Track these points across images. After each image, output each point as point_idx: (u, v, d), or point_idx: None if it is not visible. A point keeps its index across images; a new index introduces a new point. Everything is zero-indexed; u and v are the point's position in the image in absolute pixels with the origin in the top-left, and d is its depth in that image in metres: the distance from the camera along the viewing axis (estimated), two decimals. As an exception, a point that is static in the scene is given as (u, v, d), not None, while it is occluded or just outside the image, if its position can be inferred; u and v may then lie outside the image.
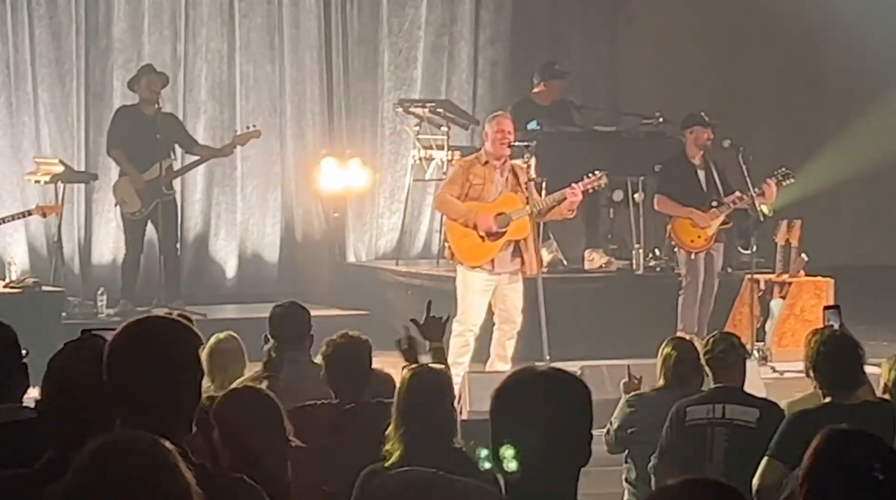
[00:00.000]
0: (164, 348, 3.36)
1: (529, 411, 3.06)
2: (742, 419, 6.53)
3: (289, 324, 7.06)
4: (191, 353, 3.39)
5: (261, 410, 4.85)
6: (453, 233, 10.47)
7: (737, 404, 6.60)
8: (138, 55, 13.84)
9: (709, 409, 6.61)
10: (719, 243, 12.11)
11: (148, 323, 3.46)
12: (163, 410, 3.28)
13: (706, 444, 6.54)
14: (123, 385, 3.33)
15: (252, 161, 14.50)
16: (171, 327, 3.43)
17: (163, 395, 3.31)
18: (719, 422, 6.57)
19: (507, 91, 15.24)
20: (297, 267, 14.68)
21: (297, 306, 7.22)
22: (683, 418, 6.61)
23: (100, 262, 13.89)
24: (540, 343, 10.37)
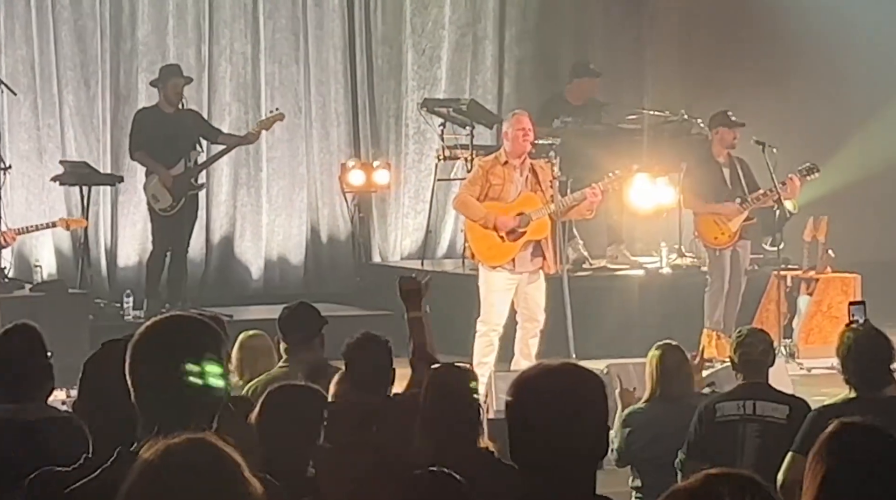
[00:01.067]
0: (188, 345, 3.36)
1: (546, 406, 3.06)
2: (773, 416, 6.52)
3: (297, 325, 7.09)
4: (214, 351, 3.38)
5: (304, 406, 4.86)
6: (473, 233, 10.47)
7: (767, 401, 6.59)
8: (163, 57, 13.87)
9: (739, 405, 6.59)
10: (745, 241, 12.09)
11: (171, 321, 3.46)
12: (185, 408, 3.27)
13: (737, 440, 6.53)
14: (144, 386, 3.33)
15: (277, 162, 14.52)
16: (194, 325, 3.42)
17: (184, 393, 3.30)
18: (750, 418, 6.56)
19: (533, 89, 15.22)
20: (323, 268, 14.70)
21: (305, 306, 7.25)
22: (714, 414, 6.59)
23: (126, 264, 13.92)
24: (566, 341, 10.35)
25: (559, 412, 3.06)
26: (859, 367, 5.95)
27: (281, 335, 7.12)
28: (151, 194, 12.65)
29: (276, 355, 7.29)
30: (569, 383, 3.10)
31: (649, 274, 13.27)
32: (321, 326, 7.09)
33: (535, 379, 3.11)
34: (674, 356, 7.06)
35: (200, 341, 3.37)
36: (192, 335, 3.38)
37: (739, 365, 6.77)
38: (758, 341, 6.81)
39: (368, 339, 6.11)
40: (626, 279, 13.18)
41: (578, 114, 13.32)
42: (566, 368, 3.14)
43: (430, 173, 14.53)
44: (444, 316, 12.08)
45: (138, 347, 3.37)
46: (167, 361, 3.33)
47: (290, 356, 6.98)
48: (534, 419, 3.07)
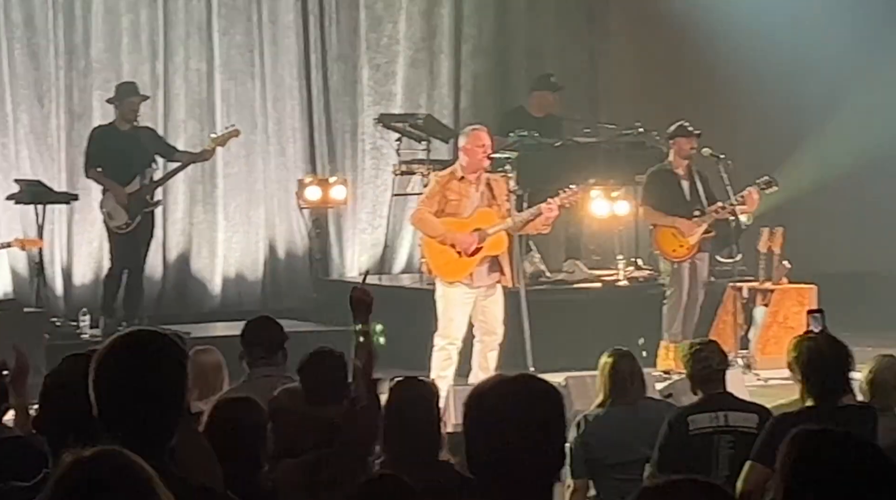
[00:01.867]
0: (150, 361, 3.37)
1: (503, 418, 3.04)
2: (745, 426, 6.53)
3: (260, 339, 7.07)
4: (175, 365, 3.39)
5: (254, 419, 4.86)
6: (430, 249, 10.46)
7: (738, 411, 6.60)
8: (117, 75, 13.82)
9: (712, 417, 6.57)
10: (704, 253, 12.12)
11: (136, 336, 3.46)
12: (147, 423, 3.27)
13: (712, 452, 6.51)
14: (108, 399, 3.34)
15: (234, 179, 14.49)
16: (156, 341, 3.42)
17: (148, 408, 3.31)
18: (724, 430, 6.55)
19: (489, 104, 15.27)
20: (280, 284, 14.67)
21: (268, 321, 7.23)
22: (686, 427, 6.57)
23: (82, 282, 13.85)
24: (524, 355, 10.37)
25: (516, 424, 3.04)
26: (818, 375, 5.95)
27: (244, 350, 7.09)
28: (107, 212, 12.60)
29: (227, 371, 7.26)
30: (526, 395, 3.08)
31: (606, 287, 13.31)
32: (283, 340, 7.08)
33: (492, 391, 3.10)
34: (626, 362, 7.08)
35: (164, 355, 3.38)
36: (155, 350, 3.39)
37: (699, 378, 6.77)
38: (714, 353, 6.82)
39: (322, 353, 6.10)
40: (584, 292, 13.21)
41: (539, 127, 13.34)
42: (523, 379, 3.13)
43: (387, 189, 14.54)
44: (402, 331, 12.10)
45: (103, 361, 3.37)
46: (130, 375, 3.33)
47: (253, 370, 6.97)
48: (491, 430, 3.05)
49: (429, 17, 15.35)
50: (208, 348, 7.38)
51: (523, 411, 3.05)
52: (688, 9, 15.02)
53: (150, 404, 3.32)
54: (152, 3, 14.22)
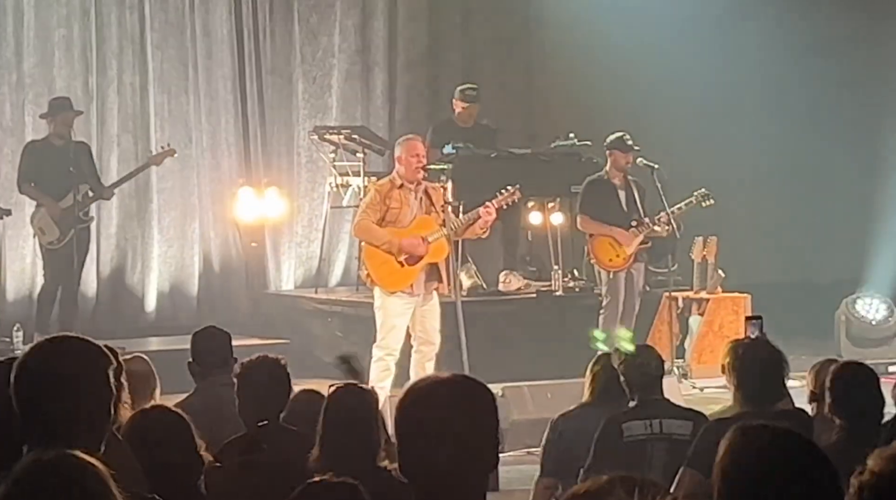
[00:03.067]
0: (73, 366, 3.36)
1: (435, 420, 3.02)
2: (679, 433, 6.49)
3: (211, 349, 7.05)
4: (100, 371, 3.37)
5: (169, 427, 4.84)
6: (372, 260, 10.45)
7: (673, 419, 6.57)
8: (49, 89, 13.74)
9: (646, 424, 6.53)
10: (639, 263, 12.19)
11: (57, 342, 3.44)
12: (71, 429, 3.25)
13: (645, 460, 6.49)
14: (31, 404, 3.32)
15: (168, 193, 14.42)
16: (80, 347, 3.41)
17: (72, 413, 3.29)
18: (658, 437, 6.52)
19: (423, 116, 15.28)
20: (217, 298, 14.61)
21: (216, 330, 7.20)
22: (619, 434, 6.54)
23: (15, 298, 13.74)
24: (461, 366, 10.36)
25: (449, 423, 3.01)
26: (754, 380, 5.96)
27: (194, 361, 7.06)
28: (38, 228, 12.50)
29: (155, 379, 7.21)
30: (459, 394, 3.06)
31: (542, 297, 13.34)
32: (232, 349, 7.06)
33: (426, 390, 3.07)
34: (611, 366, 7.03)
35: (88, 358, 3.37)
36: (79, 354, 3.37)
37: (635, 384, 6.75)
38: (650, 358, 6.81)
39: (261, 360, 6.07)
40: (520, 303, 13.23)
41: (470, 137, 13.35)
42: (456, 379, 3.10)
43: (323, 201, 14.52)
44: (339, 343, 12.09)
45: (25, 366, 3.35)
46: (55, 380, 3.31)
47: (202, 380, 6.94)
48: (424, 429, 3.02)
49: (363, 30, 15.36)
50: (135, 357, 7.31)
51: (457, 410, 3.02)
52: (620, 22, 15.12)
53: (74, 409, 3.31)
54: (85, 17, 14.14)
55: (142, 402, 6.66)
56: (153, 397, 6.91)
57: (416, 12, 15.63)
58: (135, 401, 6.82)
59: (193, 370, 7.11)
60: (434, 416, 3.02)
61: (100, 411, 3.36)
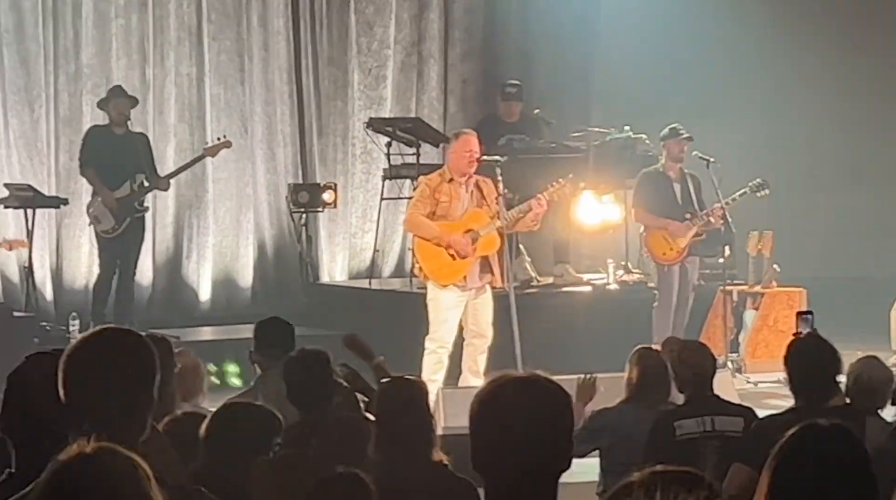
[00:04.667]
0: (119, 358, 3.38)
1: (510, 417, 3.04)
2: (731, 430, 6.49)
3: (272, 340, 7.06)
4: (145, 364, 3.40)
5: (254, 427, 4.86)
6: (423, 253, 10.46)
7: (724, 415, 6.55)
8: (107, 80, 13.83)
9: (698, 422, 6.52)
10: (694, 256, 12.12)
11: (104, 334, 3.47)
12: (114, 420, 3.28)
13: (698, 458, 6.47)
14: (76, 394, 3.35)
15: (224, 183, 14.49)
16: (127, 339, 3.44)
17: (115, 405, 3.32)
18: (710, 435, 6.51)
19: (477, 108, 15.28)
20: (271, 288, 14.67)
21: (279, 322, 7.21)
22: (672, 432, 6.53)
23: (72, 287, 13.85)
24: (513, 358, 10.36)
25: (525, 422, 3.03)
26: (804, 376, 5.94)
27: (256, 351, 7.08)
28: (94, 216, 12.58)
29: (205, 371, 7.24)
30: (534, 395, 3.06)
31: (596, 291, 13.31)
32: (294, 341, 7.07)
33: (501, 390, 3.08)
34: (651, 363, 7.02)
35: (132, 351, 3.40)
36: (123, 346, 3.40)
37: (687, 381, 6.74)
38: (702, 356, 6.80)
39: (305, 354, 6.09)
40: (573, 296, 13.21)
41: (515, 131, 13.32)
42: (532, 379, 3.11)
43: (377, 193, 14.54)
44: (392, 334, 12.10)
45: (73, 358, 3.38)
46: (101, 372, 3.34)
47: (264, 372, 6.96)
48: (499, 427, 3.04)
49: (419, 22, 15.37)
50: (183, 351, 7.34)
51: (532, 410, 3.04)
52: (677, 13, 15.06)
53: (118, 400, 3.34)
54: (143, 7, 14.23)
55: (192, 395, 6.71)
56: (202, 390, 6.96)
57: (472, 4, 15.63)
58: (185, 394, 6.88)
59: (254, 360, 7.13)
60: (510, 414, 3.03)
61: (142, 403, 3.39)
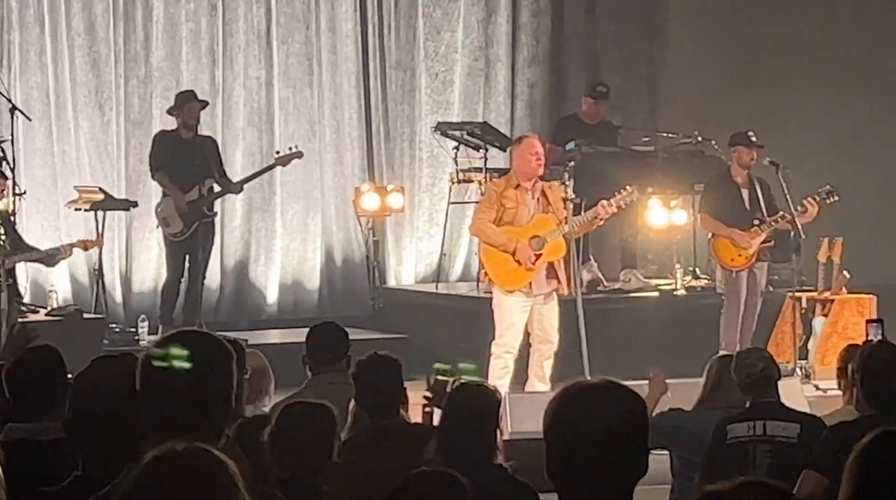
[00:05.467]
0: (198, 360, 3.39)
1: (585, 425, 3.03)
2: (783, 435, 6.45)
3: (324, 345, 7.08)
4: (224, 367, 3.41)
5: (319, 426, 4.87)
6: (489, 259, 10.45)
7: (778, 420, 6.52)
8: (177, 83, 13.92)
9: (749, 426, 6.52)
10: (762, 262, 12.04)
11: (183, 336, 3.48)
12: (192, 422, 3.29)
13: (748, 462, 6.46)
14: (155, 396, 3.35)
15: (291, 187, 14.54)
16: (205, 341, 3.44)
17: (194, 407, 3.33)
18: (760, 439, 6.50)
19: (544, 112, 15.28)
20: (337, 292, 14.70)
21: (332, 327, 7.22)
22: (724, 436, 6.54)
23: (141, 289, 13.94)
24: (580, 364, 10.34)
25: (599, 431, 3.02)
26: (878, 384, 5.88)
27: (307, 355, 7.10)
28: (162, 218, 12.66)
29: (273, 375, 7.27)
30: (609, 401, 3.06)
31: (664, 296, 13.25)
32: (348, 347, 7.08)
33: (575, 396, 3.07)
34: (724, 368, 7.00)
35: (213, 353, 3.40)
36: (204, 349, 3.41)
37: (744, 387, 6.73)
38: (757, 360, 6.76)
39: (376, 359, 6.10)
40: (641, 301, 13.16)
41: (593, 134, 13.32)
42: (607, 385, 3.11)
43: (444, 197, 14.55)
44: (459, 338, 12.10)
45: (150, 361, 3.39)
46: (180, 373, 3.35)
47: (317, 376, 6.97)
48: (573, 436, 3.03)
49: (486, 26, 15.37)
50: (252, 352, 7.37)
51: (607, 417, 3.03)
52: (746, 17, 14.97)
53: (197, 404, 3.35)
54: (212, 11, 14.31)
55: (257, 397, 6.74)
56: (268, 392, 6.99)
57: (539, 8, 15.60)
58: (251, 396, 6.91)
59: (306, 364, 7.14)
60: (585, 421, 3.03)
61: (221, 405, 3.39)
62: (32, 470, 4.26)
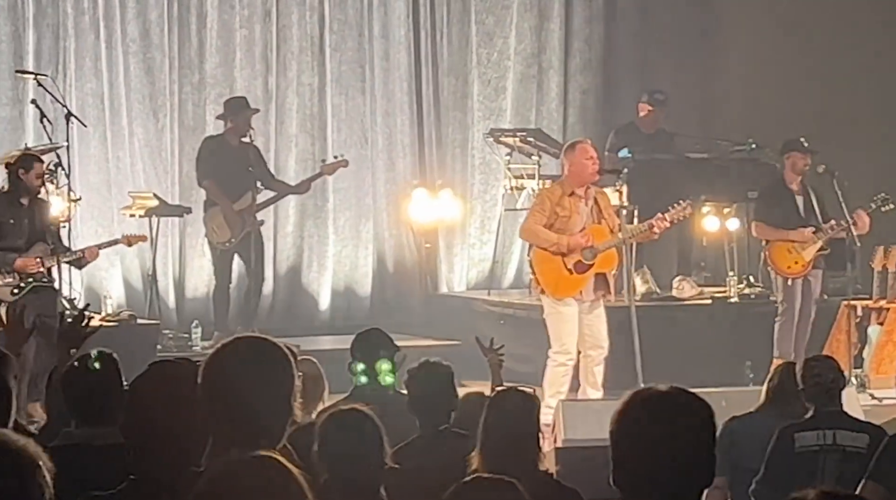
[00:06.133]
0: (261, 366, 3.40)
1: (653, 432, 3.02)
2: (853, 445, 6.41)
3: (371, 351, 7.08)
4: (286, 373, 3.40)
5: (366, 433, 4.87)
6: (541, 266, 10.40)
7: (847, 430, 6.47)
8: (230, 89, 13.97)
9: (818, 435, 6.47)
10: (817, 270, 11.98)
11: (244, 341, 3.48)
12: (255, 429, 3.28)
13: (817, 471, 6.40)
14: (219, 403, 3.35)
15: (344, 193, 14.57)
16: (267, 348, 3.44)
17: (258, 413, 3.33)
18: (830, 448, 6.45)
19: (597, 119, 15.24)
20: (390, 298, 14.71)
21: (378, 333, 7.23)
22: (792, 444, 6.48)
23: (194, 295, 13.99)
24: (634, 371, 10.30)
25: (667, 438, 3.01)
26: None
27: (353, 361, 7.11)
28: (211, 227, 12.66)
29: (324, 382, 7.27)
30: (677, 409, 3.05)
31: (717, 304, 13.18)
32: (394, 352, 7.08)
33: (643, 404, 3.07)
34: (787, 373, 6.96)
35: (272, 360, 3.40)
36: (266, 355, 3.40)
37: (811, 395, 6.68)
38: (827, 369, 6.71)
39: (428, 366, 6.10)
40: (695, 309, 13.09)
41: (650, 143, 13.30)
42: (674, 393, 3.09)
43: (496, 203, 14.54)
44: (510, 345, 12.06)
45: (213, 366, 3.39)
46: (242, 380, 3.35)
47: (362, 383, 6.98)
48: (640, 444, 3.02)
49: (539, 33, 15.35)
50: (305, 359, 7.38)
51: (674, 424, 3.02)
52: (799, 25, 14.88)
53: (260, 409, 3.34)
54: (266, 18, 14.36)
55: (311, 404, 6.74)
56: (322, 399, 6.99)
57: (592, 14, 15.58)
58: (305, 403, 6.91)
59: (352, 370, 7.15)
60: (653, 428, 3.02)
61: (282, 411, 3.39)
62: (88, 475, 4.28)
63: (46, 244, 10.87)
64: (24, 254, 10.70)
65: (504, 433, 5.19)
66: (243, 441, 3.08)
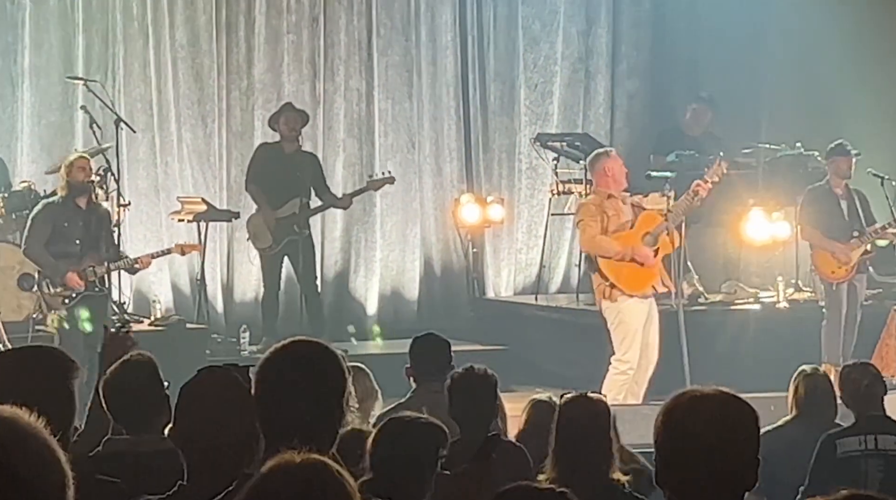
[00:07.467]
0: (314, 369, 3.41)
1: (698, 433, 3.01)
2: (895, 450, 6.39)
3: (428, 356, 7.09)
4: (337, 377, 3.42)
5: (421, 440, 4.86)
6: (611, 269, 10.33)
7: (889, 434, 6.45)
8: (278, 95, 14.02)
9: (861, 440, 6.46)
10: (862, 274, 11.92)
11: (299, 346, 3.50)
12: (309, 431, 3.29)
13: (860, 476, 6.38)
14: (272, 407, 3.36)
15: (391, 198, 14.59)
16: (319, 351, 3.46)
17: (310, 415, 3.34)
18: (872, 453, 6.43)
19: (644, 123, 15.20)
20: (437, 302, 14.72)
21: (436, 338, 7.24)
22: (834, 450, 6.46)
23: (243, 299, 14.04)
24: (681, 375, 10.26)
25: (710, 440, 3.00)
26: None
27: (412, 366, 7.13)
28: (252, 233, 12.69)
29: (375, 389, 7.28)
30: (721, 411, 3.04)
31: (766, 308, 13.13)
32: (450, 358, 7.09)
33: (688, 405, 3.06)
34: (813, 382, 6.93)
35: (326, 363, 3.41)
36: (316, 358, 3.42)
37: (850, 401, 6.66)
38: (862, 375, 6.69)
39: (470, 374, 6.08)
40: (743, 314, 13.04)
41: (696, 145, 13.25)
42: (719, 395, 3.09)
43: (543, 208, 14.52)
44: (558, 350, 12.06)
45: (267, 369, 3.41)
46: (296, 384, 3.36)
47: (419, 387, 7.00)
48: (684, 446, 3.02)
49: (586, 37, 15.33)
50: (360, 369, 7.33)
51: (718, 427, 3.01)
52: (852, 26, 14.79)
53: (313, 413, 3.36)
54: (314, 23, 14.41)
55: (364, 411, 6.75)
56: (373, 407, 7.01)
57: (639, 18, 15.55)
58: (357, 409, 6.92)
59: (409, 374, 7.17)
60: (697, 429, 3.01)
61: (334, 415, 3.40)
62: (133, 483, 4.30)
63: (99, 253, 10.95)
64: (77, 263, 10.83)
65: (575, 442, 5.16)
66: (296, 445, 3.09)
